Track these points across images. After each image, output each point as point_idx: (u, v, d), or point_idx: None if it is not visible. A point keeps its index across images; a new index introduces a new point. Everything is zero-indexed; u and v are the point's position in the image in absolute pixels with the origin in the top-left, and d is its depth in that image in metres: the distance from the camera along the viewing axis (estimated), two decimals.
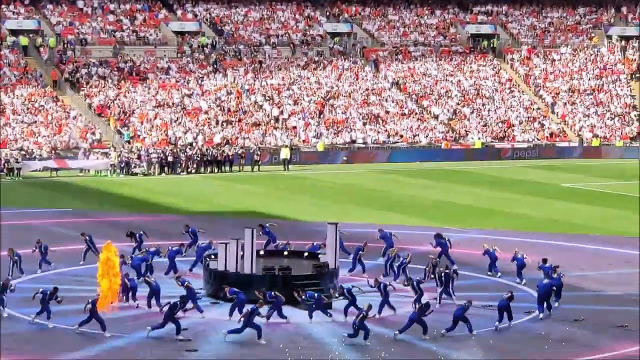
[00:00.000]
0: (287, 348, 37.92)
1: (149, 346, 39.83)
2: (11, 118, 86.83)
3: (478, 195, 72.65)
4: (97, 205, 66.41)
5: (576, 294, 46.71)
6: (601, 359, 38.91)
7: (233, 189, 75.00)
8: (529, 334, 42.11)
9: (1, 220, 58.01)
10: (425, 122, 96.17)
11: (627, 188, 76.45)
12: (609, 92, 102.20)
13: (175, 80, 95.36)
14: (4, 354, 38.35)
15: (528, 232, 58.07)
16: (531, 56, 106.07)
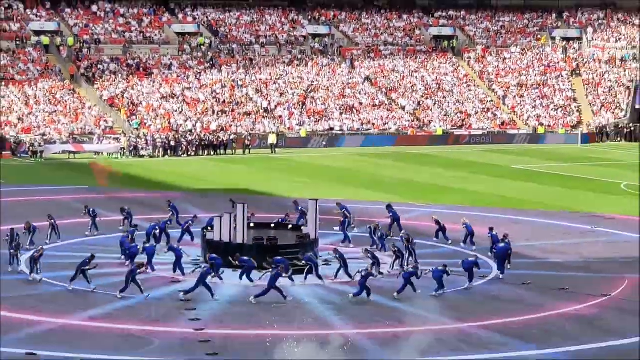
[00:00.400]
0: (274, 306, 37.98)
1: (154, 306, 39.87)
2: (34, 108, 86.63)
3: (439, 175, 72.71)
4: (109, 182, 66.13)
5: (524, 260, 46.92)
6: (546, 316, 39.08)
7: (227, 169, 74.94)
8: (485, 295, 42.41)
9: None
10: (393, 112, 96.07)
11: (567, 169, 76.55)
12: (553, 87, 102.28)
13: (177, 75, 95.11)
14: (46, 311, 38.41)
15: (482, 206, 58.24)
16: (485, 55, 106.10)
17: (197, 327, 37.06)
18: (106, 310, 38.82)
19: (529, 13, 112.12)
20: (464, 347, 33.93)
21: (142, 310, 39.09)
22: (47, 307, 39.19)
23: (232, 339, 34.98)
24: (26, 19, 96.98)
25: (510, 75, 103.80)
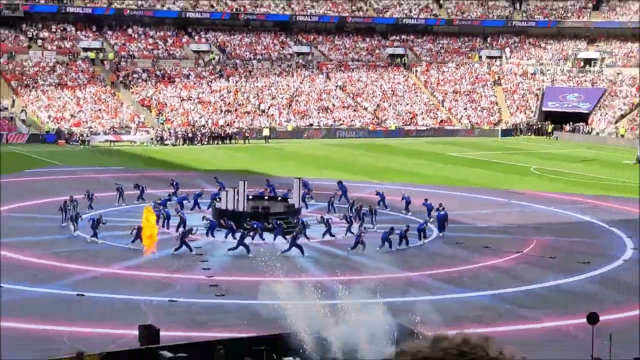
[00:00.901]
0: (267, 259, 37.92)
1: (175, 259, 39.89)
2: (83, 107, 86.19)
3: (393, 160, 72.45)
4: (141, 164, 65.99)
5: (457, 225, 46.89)
6: (474, 267, 39.30)
7: (231, 155, 74.63)
8: (428, 251, 42.55)
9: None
10: (358, 112, 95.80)
11: (490, 156, 76.46)
12: (479, 93, 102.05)
13: (193, 82, 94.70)
14: (87, 261, 38.33)
15: (425, 184, 58.09)
16: (428, 69, 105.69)
17: (208, 275, 37.27)
18: (138, 261, 38.91)
19: (462, 37, 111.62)
20: (412, 291, 34.11)
21: (166, 262, 39.16)
22: (93, 259, 39.25)
23: (234, 284, 35.17)
24: (77, 38, 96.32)
25: (448, 84, 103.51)
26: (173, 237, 42.54)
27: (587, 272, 38.65)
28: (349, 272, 36.46)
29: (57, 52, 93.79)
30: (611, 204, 54.24)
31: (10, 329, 29.64)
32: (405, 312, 30.32)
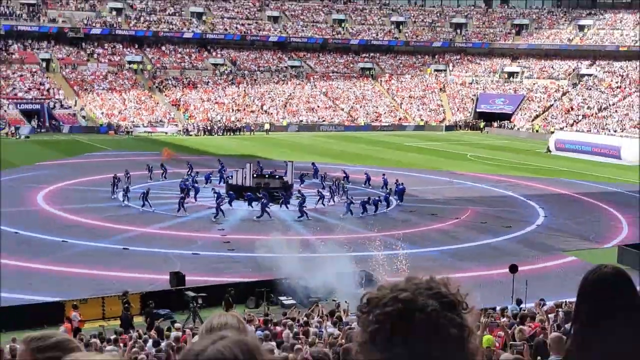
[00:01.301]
0: (266, 221, 37.96)
1: (198, 221, 39.94)
2: (127, 105, 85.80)
3: (362, 148, 72.39)
4: (171, 150, 65.81)
5: (411, 197, 46.88)
6: (423, 230, 39.39)
7: (240, 143, 74.38)
8: (387, 217, 42.50)
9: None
10: (337, 112, 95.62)
11: (436, 146, 76.37)
12: (429, 98, 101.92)
13: (211, 88, 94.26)
14: (130, 223, 38.31)
15: (387, 167, 58.00)
16: (390, 79, 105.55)
17: (222, 234, 37.30)
18: (169, 224, 38.96)
19: (416, 55, 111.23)
20: (375, 247, 34.15)
21: (190, 224, 39.19)
22: (134, 221, 39.26)
23: (242, 241, 35.16)
24: (123, 54, 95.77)
25: (404, 91, 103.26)
26: (195, 205, 42.71)
27: (509, 234, 38.89)
28: (325, 233, 36.68)
29: (108, 64, 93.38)
30: (528, 183, 54.41)
31: (75, 273, 29.91)
32: (369, 264, 30.49)
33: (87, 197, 44.38)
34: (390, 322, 2.00)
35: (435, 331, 1.98)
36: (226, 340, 1.94)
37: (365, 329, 2.04)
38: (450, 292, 2.06)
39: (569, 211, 44.99)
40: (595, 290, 3.18)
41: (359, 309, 2.09)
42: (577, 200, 48.58)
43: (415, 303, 2.00)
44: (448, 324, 1.99)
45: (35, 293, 27.36)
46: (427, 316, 1.98)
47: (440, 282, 2.08)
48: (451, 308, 2.03)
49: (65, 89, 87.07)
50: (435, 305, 2.00)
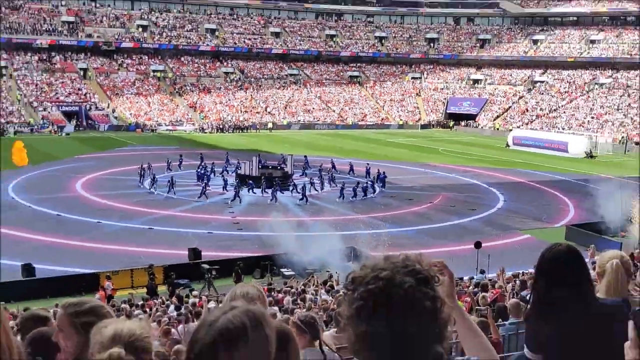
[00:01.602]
0: (272, 204, 37.93)
1: (212, 205, 39.84)
2: (152, 107, 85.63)
3: (350, 143, 72.25)
4: (187, 145, 65.65)
5: (391, 185, 46.83)
6: (402, 212, 39.38)
7: (248, 139, 74.21)
8: (372, 202, 42.42)
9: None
10: (329, 113, 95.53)
11: (413, 141, 76.23)
12: (407, 101, 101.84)
13: (223, 93, 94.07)
14: (154, 207, 38.19)
15: (371, 159, 57.88)
16: (375, 85, 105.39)
17: (232, 216, 37.26)
18: (188, 207, 38.86)
19: (396, 65, 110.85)
20: (361, 226, 34.17)
21: (205, 208, 39.10)
22: (158, 205, 39.18)
23: (250, 222, 35.11)
24: (148, 64, 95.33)
25: (386, 95, 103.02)
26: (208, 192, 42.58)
27: (474, 216, 38.92)
28: (318, 215, 36.66)
29: (135, 72, 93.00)
30: (490, 172, 54.37)
31: (108, 249, 29.89)
32: (356, 240, 30.50)
33: (118, 185, 44.24)
34: (372, 299, 2.00)
35: (412, 305, 1.99)
36: (235, 310, 1.95)
37: (351, 305, 2.04)
38: (423, 268, 2.06)
39: (525, 196, 45.00)
40: (551, 265, 3.19)
41: (344, 287, 2.10)
42: (531, 187, 48.61)
43: (394, 280, 2.01)
44: (423, 297, 2.00)
45: (74, 265, 27.41)
46: (404, 292, 1.99)
47: (414, 259, 2.08)
48: (425, 283, 2.03)
49: (99, 93, 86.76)
50: (411, 281, 2.01)
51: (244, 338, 1.87)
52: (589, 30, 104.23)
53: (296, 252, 27.73)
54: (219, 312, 1.94)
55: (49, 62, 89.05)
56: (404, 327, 1.97)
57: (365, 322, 1.99)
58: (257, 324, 1.91)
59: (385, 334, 1.98)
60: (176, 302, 21.07)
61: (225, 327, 1.88)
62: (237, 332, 1.87)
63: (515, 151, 69.61)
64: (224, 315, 1.92)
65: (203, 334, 1.89)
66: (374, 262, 2.09)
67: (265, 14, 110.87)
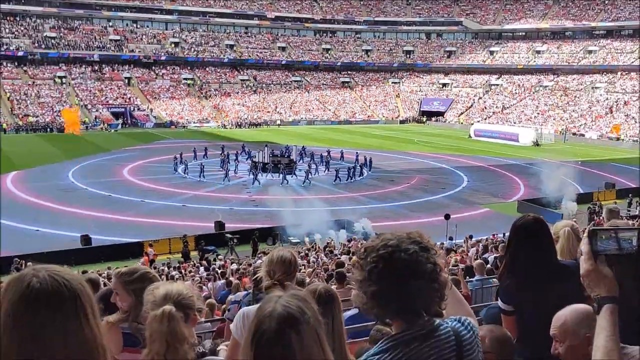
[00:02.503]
0: (282, 185, 37.83)
1: (233, 187, 39.71)
2: (183, 107, 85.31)
3: (342, 135, 72.07)
4: (212, 138, 65.41)
5: (376, 169, 46.69)
6: (385, 192, 39.26)
7: (260, 133, 74.02)
8: (363, 182, 42.31)
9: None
10: (326, 111, 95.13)
11: (394, 133, 76.01)
12: (389, 101, 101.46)
13: (240, 96, 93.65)
14: (186, 188, 38.03)
15: (359, 148, 57.68)
16: (362, 89, 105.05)
17: (249, 194, 37.15)
18: (213, 189, 38.71)
19: (379, 72, 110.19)
20: (353, 203, 34.12)
21: (227, 189, 38.96)
22: (190, 187, 39.04)
23: (264, 200, 35.02)
24: (179, 73, 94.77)
25: (372, 97, 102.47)
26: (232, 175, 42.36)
27: (443, 193, 38.83)
28: (318, 194, 36.56)
29: (170, 80, 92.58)
30: (456, 158, 54.26)
31: (150, 223, 29.86)
32: (349, 214, 30.48)
33: (157, 171, 44.09)
34: (382, 262, 1.99)
35: (416, 267, 1.98)
36: (284, 297, 1.83)
37: (363, 269, 2.03)
38: (424, 240, 2.07)
39: (484, 177, 44.91)
40: (521, 232, 3.18)
41: (358, 256, 2.08)
42: (489, 170, 48.52)
43: (400, 247, 2.01)
44: (425, 261, 2.00)
45: (123, 235, 27.40)
46: (409, 256, 1.99)
47: (416, 234, 2.09)
48: (426, 250, 2.03)
49: (140, 97, 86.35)
50: (415, 248, 2.01)
51: (305, 317, 1.77)
52: (534, 42, 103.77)
53: (300, 223, 27.73)
54: (271, 303, 1.81)
55: (100, 72, 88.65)
56: (408, 286, 1.97)
57: (376, 282, 1.98)
58: (307, 303, 1.82)
59: (393, 292, 1.97)
60: (206, 264, 21.08)
61: (285, 313, 1.76)
62: (297, 314, 1.77)
63: (476, 141, 69.48)
64: (277, 304, 1.79)
65: (267, 325, 1.75)
66: (382, 235, 2.08)
67: (273, 32, 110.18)
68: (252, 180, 40.30)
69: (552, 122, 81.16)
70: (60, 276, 1.64)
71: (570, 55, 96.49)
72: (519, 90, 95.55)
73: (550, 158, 52.80)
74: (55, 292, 1.60)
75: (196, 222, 30.13)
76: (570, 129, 76.81)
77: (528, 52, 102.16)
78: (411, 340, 1.96)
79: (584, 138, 72.43)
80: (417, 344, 1.96)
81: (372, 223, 28.51)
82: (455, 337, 2.02)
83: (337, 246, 24.05)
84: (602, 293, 1.92)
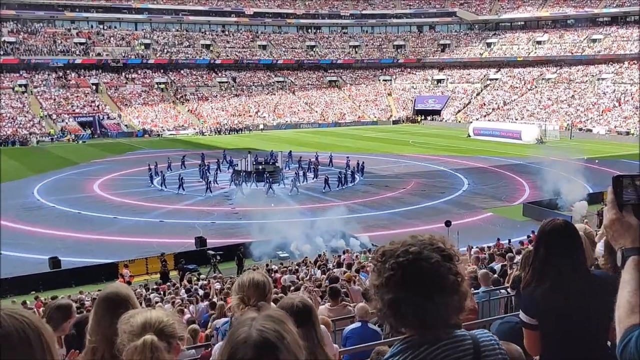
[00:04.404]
0: (267, 194, 37.77)
1: (214, 198, 39.58)
2: (157, 114, 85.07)
3: (331, 139, 72.14)
4: (190, 146, 65.22)
5: (369, 173, 46.73)
6: (380, 198, 39.28)
7: (242, 139, 73.86)
8: (355, 189, 42.32)
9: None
10: (312, 113, 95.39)
11: (386, 135, 76.31)
12: (380, 101, 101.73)
13: (219, 100, 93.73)
14: (163, 202, 37.85)
15: (349, 152, 57.72)
16: (351, 88, 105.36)
17: (232, 207, 37.06)
18: (193, 201, 38.58)
19: (369, 69, 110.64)
20: (347, 212, 34.10)
21: (208, 201, 38.85)
22: (166, 201, 38.86)
23: (247, 211, 34.94)
24: (152, 77, 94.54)
25: (362, 96, 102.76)
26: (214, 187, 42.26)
27: (443, 198, 38.93)
28: (308, 203, 36.56)
29: (141, 85, 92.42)
30: (454, 160, 54.46)
31: (124, 241, 29.68)
32: (343, 222, 30.47)
33: (131, 184, 43.87)
34: (401, 270, 2.00)
35: (437, 278, 1.99)
36: (259, 320, 1.76)
37: (381, 275, 2.04)
38: (447, 247, 2.07)
39: (486, 179, 45.10)
40: (551, 236, 3.18)
41: (375, 259, 2.09)
42: (491, 171, 48.72)
43: (422, 255, 2.01)
44: (447, 272, 2.01)
45: (95, 257, 27.20)
46: (431, 265, 2.00)
47: (439, 239, 2.09)
48: (449, 259, 2.04)
49: (110, 105, 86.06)
50: (437, 257, 2.02)
51: (283, 342, 1.71)
52: (534, 32, 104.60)
53: (288, 236, 27.68)
54: (244, 327, 1.73)
55: (65, 79, 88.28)
56: (428, 296, 1.98)
57: (394, 291, 2.00)
58: (284, 325, 1.76)
59: (411, 303, 1.98)
60: (187, 284, 20.96)
61: (262, 339, 1.69)
62: (275, 339, 1.70)
63: (475, 140, 69.83)
64: (252, 329, 1.72)
65: (242, 354, 1.67)
66: (402, 239, 2.08)
67: (253, 30, 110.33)
68: (235, 191, 40.21)
69: (557, 117, 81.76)
70: (20, 315, 1.62)
71: (573, 44, 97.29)
72: (519, 84, 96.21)
73: (556, 157, 53.15)
74: (19, 333, 1.58)
75: (175, 238, 30.00)
76: (577, 124, 77.37)
77: (528, 43, 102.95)
78: (423, 343, 2.01)
79: (591, 133, 72.91)
80: (427, 346, 2.00)
81: (365, 233, 28.49)
82: (473, 341, 2.06)
83: (329, 258, 24.03)
84: (627, 244, 1.91)
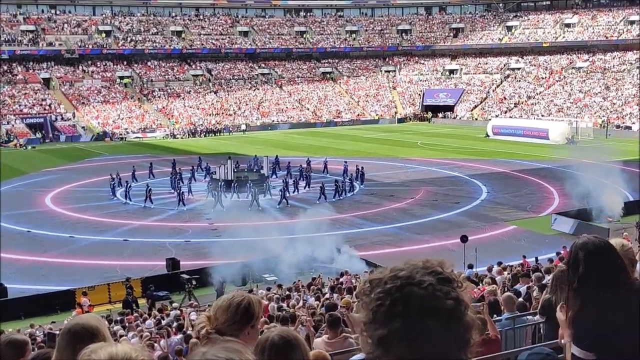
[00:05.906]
0: (250, 207, 37.72)
1: (189, 214, 39.54)
2: (120, 114, 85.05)
3: (326, 140, 72.20)
4: (159, 151, 65.14)
5: (370, 181, 46.81)
6: (384, 209, 39.32)
7: (220, 143, 73.76)
8: (354, 200, 42.36)
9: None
10: (303, 111, 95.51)
11: (389, 136, 76.37)
12: (382, 95, 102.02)
13: (193, 96, 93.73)
14: (128, 218, 37.82)
15: (347, 156, 57.78)
16: (348, 80, 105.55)
17: (210, 222, 37.01)
18: (163, 216, 38.54)
19: (369, 59, 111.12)
20: (343, 226, 34.11)
21: (181, 215, 38.80)
22: (132, 216, 38.78)
23: (227, 227, 34.86)
24: (114, 70, 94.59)
25: (361, 90, 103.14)
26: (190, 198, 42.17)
27: (457, 209, 38.99)
28: (298, 216, 36.47)
29: (101, 79, 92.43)
30: (471, 164, 54.59)
31: (82, 264, 29.61)
32: (342, 239, 30.48)
33: (90, 197, 43.79)
34: (389, 298, 1.93)
35: (432, 304, 1.91)
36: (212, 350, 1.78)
37: (367, 308, 1.97)
38: (444, 270, 1.99)
39: (508, 186, 45.25)
40: (591, 257, 3.19)
41: (361, 292, 2.02)
42: (514, 177, 48.91)
43: (413, 279, 1.94)
44: (444, 296, 1.92)
45: (48, 283, 27.09)
46: (424, 290, 1.92)
47: (435, 263, 2.02)
48: (446, 283, 1.96)
49: (64, 103, 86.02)
50: (431, 280, 1.94)
51: None
52: (562, 14, 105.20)
53: (277, 256, 27.64)
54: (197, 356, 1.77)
55: (10, 73, 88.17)
56: (422, 328, 1.90)
57: (382, 324, 1.92)
58: (240, 354, 1.77)
59: (404, 335, 1.90)
60: (158, 314, 20.91)
61: None
62: None
63: (495, 141, 70.04)
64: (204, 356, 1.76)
65: None
66: (392, 265, 2.02)
67: (232, 13, 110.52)
68: (213, 204, 40.16)
69: (590, 112, 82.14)
70: None
71: (607, 27, 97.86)
72: (545, 74, 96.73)
73: (589, 159, 53.28)
74: None
75: (143, 260, 29.92)
76: (613, 120, 77.74)
77: (555, 26, 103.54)
78: None
79: (631, 131, 73.15)
80: None
81: (368, 252, 28.49)
82: None
83: (325, 280, 24.04)
84: None
